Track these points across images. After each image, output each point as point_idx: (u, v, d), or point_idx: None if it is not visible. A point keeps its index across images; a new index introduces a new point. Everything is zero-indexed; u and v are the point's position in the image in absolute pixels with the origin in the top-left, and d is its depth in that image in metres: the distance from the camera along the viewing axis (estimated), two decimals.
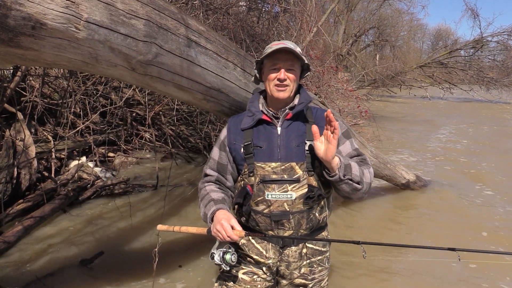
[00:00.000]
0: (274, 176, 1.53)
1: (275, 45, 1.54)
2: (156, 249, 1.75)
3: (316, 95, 3.50)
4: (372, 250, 1.45)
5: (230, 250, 1.53)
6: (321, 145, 1.44)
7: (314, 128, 1.45)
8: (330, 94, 8.00)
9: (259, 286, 1.64)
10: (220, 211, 1.52)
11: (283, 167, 1.53)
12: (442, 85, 18.00)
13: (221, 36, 2.42)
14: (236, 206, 1.67)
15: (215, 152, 1.71)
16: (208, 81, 2.19)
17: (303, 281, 1.64)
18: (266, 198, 1.54)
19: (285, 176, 1.53)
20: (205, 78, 2.17)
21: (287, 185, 1.53)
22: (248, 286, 1.63)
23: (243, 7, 6.86)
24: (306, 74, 1.67)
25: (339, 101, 8.28)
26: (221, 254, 1.51)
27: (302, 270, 1.64)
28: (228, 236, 1.44)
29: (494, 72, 18.44)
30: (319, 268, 1.67)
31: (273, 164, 1.54)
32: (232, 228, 1.46)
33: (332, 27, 20.22)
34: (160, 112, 6.11)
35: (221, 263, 1.50)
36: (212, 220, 1.53)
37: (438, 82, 18.02)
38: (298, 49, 1.55)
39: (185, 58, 2.01)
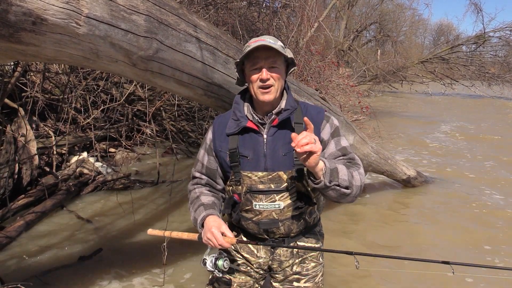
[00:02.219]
0: (261, 186, 1.48)
1: (253, 43, 1.42)
2: (165, 244, 1.72)
3: (317, 90, 3.49)
4: (365, 260, 1.42)
5: (222, 256, 1.49)
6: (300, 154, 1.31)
7: (293, 135, 1.29)
8: (331, 90, 7.97)
9: (253, 276, 1.65)
10: (210, 217, 1.48)
11: (270, 176, 1.48)
12: (444, 81, 17.90)
13: (222, 32, 2.42)
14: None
15: (203, 156, 1.63)
16: (209, 76, 2.19)
17: (297, 276, 1.64)
18: (254, 208, 1.51)
19: (272, 186, 1.48)
20: (206, 73, 2.17)
21: (275, 195, 1.49)
22: (243, 277, 1.64)
23: (244, 2, 6.82)
24: (292, 69, 1.55)
25: (340, 96, 8.26)
26: (213, 260, 1.48)
27: (295, 268, 1.63)
28: (220, 244, 1.41)
29: (496, 67, 18.34)
30: (312, 264, 1.65)
31: (260, 174, 1.48)
32: (223, 234, 1.42)
33: (333, 22, 20.12)
34: (161, 108, 6.11)
35: (213, 269, 1.48)
36: (202, 226, 1.49)
37: (439, 78, 17.93)
38: (279, 44, 1.44)
39: (185, 53, 2.02)
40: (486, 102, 18.20)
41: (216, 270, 1.48)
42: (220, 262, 1.48)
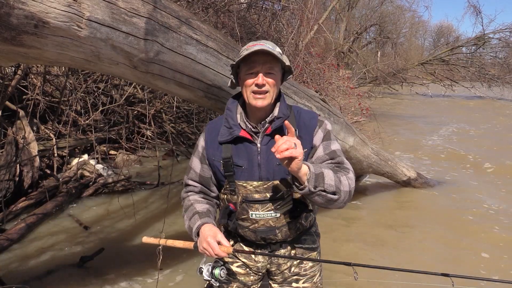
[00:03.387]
0: (256, 196, 1.47)
1: (251, 46, 1.39)
2: (160, 247, 1.71)
3: (317, 92, 3.50)
4: (363, 271, 1.41)
5: (218, 265, 1.48)
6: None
7: (277, 137, 1.27)
8: (331, 92, 7.99)
9: (252, 278, 1.66)
10: (205, 226, 1.46)
11: (265, 186, 1.47)
12: (444, 82, 17.94)
13: (222, 34, 2.43)
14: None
15: (196, 164, 1.59)
16: (209, 78, 2.20)
17: (296, 277, 1.64)
18: (251, 217, 1.51)
19: (268, 195, 1.47)
20: (206, 75, 2.18)
21: (271, 204, 1.48)
22: (242, 278, 1.65)
23: (244, 4, 6.84)
24: (288, 77, 1.53)
25: (340, 98, 8.27)
26: (209, 269, 1.46)
27: (293, 269, 1.64)
28: (216, 254, 1.39)
29: (496, 69, 18.37)
30: (310, 264, 1.66)
31: (255, 183, 1.47)
32: (219, 243, 1.41)
33: (333, 24, 20.17)
34: (161, 110, 6.13)
35: (210, 278, 1.46)
36: (197, 234, 1.47)
37: (439, 79, 17.97)
38: (277, 50, 1.41)
39: (186, 56, 2.03)
40: (486, 103, 18.20)
41: (212, 279, 1.46)
42: (216, 271, 1.46)
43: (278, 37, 6.65)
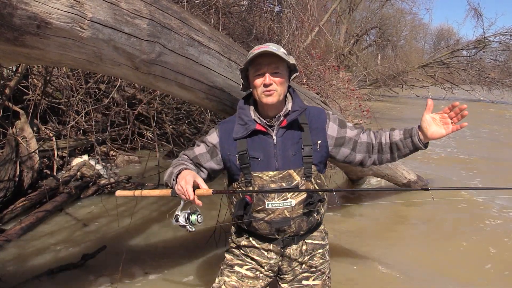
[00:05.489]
0: (272, 185, 1.52)
1: (257, 50, 1.49)
2: (122, 258, 1.69)
3: (317, 94, 3.51)
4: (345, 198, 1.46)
5: (196, 212, 1.47)
6: (431, 122, 1.51)
7: (429, 102, 1.53)
8: (332, 93, 7.99)
9: (261, 281, 1.66)
10: (186, 170, 1.48)
11: (281, 175, 1.52)
12: (444, 85, 17.99)
13: (224, 36, 2.43)
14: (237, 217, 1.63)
15: (199, 150, 1.64)
16: (211, 80, 2.20)
17: (306, 274, 1.67)
18: (267, 207, 1.54)
19: (284, 184, 1.52)
20: (208, 77, 2.18)
21: (287, 192, 1.53)
22: (251, 281, 1.66)
23: (244, 6, 6.86)
24: (295, 75, 1.62)
25: (340, 100, 8.27)
26: (186, 216, 1.45)
27: (304, 266, 1.67)
28: (193, 188, 1.39)
29: (496, 72, 18.43)
30: (320, 261, 1.69)
31: (271, 173, 1.52)
32: (198, 187, 1.42)
33: (334, 26, 20.21)
34: (162, 111, 6.13)
35: (186, 224, 1.45)
36: (176, 179, 1.49)
37: (440, 82, 18.01)
38: (281, 50, 1.50)
39: (188, 57, 2.02)
40: (486, 106, 18.19)
41: (188, 225, 1.46)
42: (193, 217, 1.46)
43: (279, 39, 6.66)
